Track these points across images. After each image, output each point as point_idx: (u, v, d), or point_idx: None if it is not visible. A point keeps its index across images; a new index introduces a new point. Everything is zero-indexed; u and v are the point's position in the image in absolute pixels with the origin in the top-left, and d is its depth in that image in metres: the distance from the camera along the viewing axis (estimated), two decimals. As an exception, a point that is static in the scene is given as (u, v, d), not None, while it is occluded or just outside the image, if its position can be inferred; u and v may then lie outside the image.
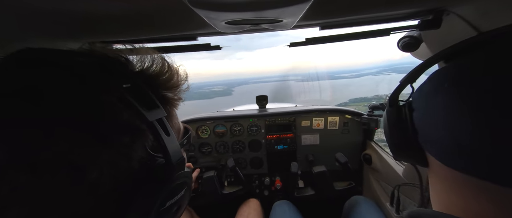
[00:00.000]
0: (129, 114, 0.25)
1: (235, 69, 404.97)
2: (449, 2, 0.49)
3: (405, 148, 0.34)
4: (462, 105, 0.25)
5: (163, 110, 0.29)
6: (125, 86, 0.26)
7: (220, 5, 0.33)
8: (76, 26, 0.43)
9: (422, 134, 0.31)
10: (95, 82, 0.25)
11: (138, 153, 0.26)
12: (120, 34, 0.52)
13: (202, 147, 1.43)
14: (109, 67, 0.27)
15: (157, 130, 0.26)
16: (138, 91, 0.27)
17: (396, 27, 0.60)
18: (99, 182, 0.22)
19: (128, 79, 0.27)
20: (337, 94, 29.80)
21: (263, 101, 1.51)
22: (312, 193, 1.24)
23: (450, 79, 0.27)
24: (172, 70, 0.34)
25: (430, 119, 0.29)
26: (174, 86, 0.34)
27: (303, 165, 1.39)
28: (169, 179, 0.28)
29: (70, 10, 0.35)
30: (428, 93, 0.30)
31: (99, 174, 0.22)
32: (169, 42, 0.62)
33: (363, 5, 0.46)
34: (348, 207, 1.05)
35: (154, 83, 0.31)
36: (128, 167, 0.25)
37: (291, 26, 0.50)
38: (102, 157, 0.23)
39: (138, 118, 0.25)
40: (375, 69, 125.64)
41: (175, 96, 0.35)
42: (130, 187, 0.25)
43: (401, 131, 0.34)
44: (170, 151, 0.27)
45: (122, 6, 0.35)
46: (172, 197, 0.29)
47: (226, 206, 1.51)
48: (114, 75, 0.27)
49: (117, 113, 0.24)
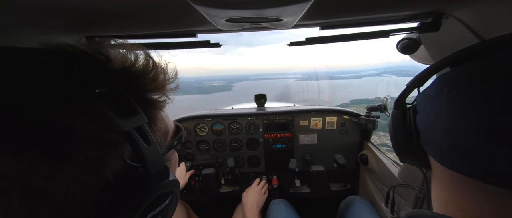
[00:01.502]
0: (98, 125, 0.22)
1: (236, 65, 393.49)
2: (448, 6, 0.49)
3: (409, 150, 0.34)
4: (460, 108, 0.25)
5: (143, 116, 0.26)
6: (98, 91, 0.23)
7: (220, 2, 0.32)
8: (74, 20, 0.43)
9: (424, 136, 0.31)
10: (57, 89, 0.21)
11: (112, 166, 0.23)
12: (120, 29, 0.52)
13: (199, 145, 1.43)
14: (81, 69, 0.24)
15: (134, 139, 0.24)
16: (115, 96, 0.24)
17: (395, 29, 0.60)
18: (64, 202, 0.20)
19: (103, 82, 0.24)
20: (338, 95, 29.85)
21: (261, 100, 1.51)
22: (307, 191, 1.25)
23: (449, 83, 0.28)
24: (158, 69, 0.30)
25: (431, 121, 0.30)
26: (159, 87, 0.30)
27: (300, 164, 1.40)
28: (149, 191, 0.26)
29: (69, 4, 0.34)
30: (430, 97, 0.31)
31: (63, 194, 0.20)
32: (169, 39, 0.62)
33: (364, 6, 0.46)
34: (344, 207, 1.06)
35: (137, 83, 0.28)
36: (99, 182, 0.22)
37: (292, 25, 0.50)
38: (64, 176, 0.20)
39: (110, 128, 0.23)
40: (376, 70, 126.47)
41: (160, 98, 0.32)
42: (105, 201, 0.23)
43: (404, 133, 0.34)
44: (150, 161, 0.25)
45: (122, 1, 0.35)
46: (154, 208, 0.27)
47: (222, 203, 1.51)
48: (85, 79, 0.23)
49: (83, 125, 0.21)
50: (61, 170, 0.20)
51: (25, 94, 0.20)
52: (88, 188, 0.22)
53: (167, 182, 0.28)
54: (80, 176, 0.21)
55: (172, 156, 0.39)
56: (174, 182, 0.30)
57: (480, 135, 0.23)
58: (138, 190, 0.25)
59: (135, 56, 0.29)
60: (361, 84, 60.13)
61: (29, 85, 0.21)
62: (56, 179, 0.20)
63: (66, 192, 0.20)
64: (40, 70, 0.22)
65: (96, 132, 0.22)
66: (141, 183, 0.25)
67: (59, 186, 0.20)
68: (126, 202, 0.24)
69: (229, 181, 1.45)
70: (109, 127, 0.23)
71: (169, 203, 0.29)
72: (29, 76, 0.21)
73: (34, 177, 0.19)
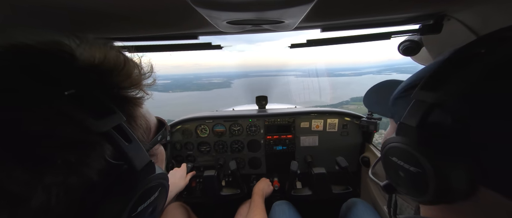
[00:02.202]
0: (72, 128, 0.22)
1: (235, 61, 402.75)
2: (450, 8, 0.49)
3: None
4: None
5: (120, 115, 0.26)
6: (67, 93, 0.22)
7: (222, 4, 0.33)
8: (76, 21, 0.43)
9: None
10: (25, 93, 0.21)
11: (95, 166, 0.23)
12: (122, 31, 0.52)
13: (200, 146, 1.43)
14: (47, 70, 0.23)
15: (114, 139, 0.24)
16: (86, 96, 0.24)
17: (397, 31, 0.60)
18: (48, 204, 0.20)
19: (73, 82, 0.23)
20: (338, 92, 29.63)
21: (262, 102, 1.51)
22: (309, 194, 1.25)
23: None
24: (130, 64, 0.29)
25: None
26: (134, 83, 0.29)
27: (302, 166, 1.39)
28: (136, 186, 0.26)
29: (71, 5, 0.35)
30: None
31: (45, 197, 0.20)
32: (171, 41, 0.62)
33: (365, 9, 0.46)
34: (345, 209, 1.06)
35: (110, 81, 0.27)
36: (83, 183, 0.22)
37: (293, 27, 0.50)
38: (44, 180, 0.20)
39: (86, 130, 0.22)
40: (376, 68, 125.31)
41: (137, 95, 0.31)
42: (93, 199, 0.23)
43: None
44: (133, 158, 0.26)
45: (124, 3, 0.35)
46: (144, 201, 0.27)
47: (223, 205, 1.51)
48: (53, 80, 0.22)
49: (55, 129, 0.21)
50: (40, 175, 0.20)
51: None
52: (72, 190, 0.22)
53: (154, 176, 0.28)
54: (61, 179, 0.21)
55: (158, 151, 0.39)
56: (162, 175, 0.30)
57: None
58: (125, 186, 0.25)
59: (103, 53, 0.27)
60: (362, 82, 59.52)
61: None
62: (35, 184, 0.20)
63: (49, 196, 0.20)
64: (5, 75, 0.21)
65: (71, 135, 0.22)
66: (128, 179, 0.26)
67: (41, 191, 0.20)
68: (114, 198, 0.24)
69: (230, 183, 1.44)
70: (84, 129, 0.22)
71: (158, 195, 0.30)
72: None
73: (11, 183, 0.19)
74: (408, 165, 0.29)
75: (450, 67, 0.27)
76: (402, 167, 0.30)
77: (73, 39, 0.26)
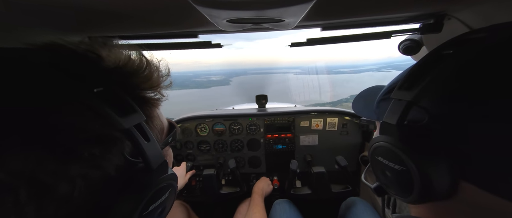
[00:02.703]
0: (100, 123, 0.23)
1: (234, 59, 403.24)
2: (450, 7, 0.49)
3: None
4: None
5: (141, 114, 0.27)
6: (96, 90, 0.24)
7: (222, 3, 0.32)
8: (77, 20, 0.43)
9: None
10: (59, 89, 0.22)
11: (114, 162, 0.24)
12: (123, 29, 0.52)
13: (200, 145, 1.43)
14: (77, 69, 0.24)
15: (135, 136, 0.25)
16: (112, 95, 0.25)
17: (397, 30, 0.60)
18: (71, 196, 0.21)
19: (100, 82, 0.25)
20: (337, 90, 29.24)
21: (262, 101, 1.51)
22: (308, 193, 1.25)
23: None
24: (151, 67, 0.31)
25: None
26: (154, 85, 0.31)
27: (301, 165, 1.40)
28: (151, 184, 0.27)
29: (70, 3, 0.35)
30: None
31: (70, 189, 0.21)
32: (170, 39, 0.62)
33: (365, 8, 0.46)
34: (345, 208, 1.06)
35: (131, 82, 0.28)
36: (102, 177, 0.23)
37: (293, 26, 0.50)
38: (71, 171, 0.21)
39: (111, 126, 0.24)
40: (375, 65, 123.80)
41: (155, 96, 0.32)
42: (109, 193, 0.24)
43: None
44: (150, 157, 0.26)
45: (124, 1, 0.35)
46: (155, 201, 0.28)
47: (223, 204, 1.51)
48: (83, 78, 0.24)
49: (85, 123, 0.22)
50: (68, 166, 0.21)
51: (29, 95, 0.21)
52: (93, 183, 0.23)
53: (166, 176, 0.29)
54: (85, 171, 0.22)
55: (168, 152, 0.40)
56: (173, 176, 0.31)
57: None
58: (140, 184, 0.26)
59: (127, 56, 0.29)
60: (361, 79, 58.78)
61: (33, 86, 0.21)
62: (62, 175, 0.21)
63: (73, 187, 0.21)
64: (40, 72, 0.22)
65: (98, 129, 0.23)
66: (143, 177, 0.27)
67: (66, 182, 0.21)
68: (129, 195, 0.25)
69: (229, 182, 1.45)
70: (110, 125, 0.24)
71: (168, 196, 0.31)
72: (31, 77, 0.22)
73: (42, 173, 0.20)
74: (393, 163, 0.29)
75: (423, 68, 0.29)
76: (387, 166, 0.31)
77: (99, 41, 0.28)
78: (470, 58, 0.25)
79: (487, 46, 0.25)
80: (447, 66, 0.26)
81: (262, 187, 1.21)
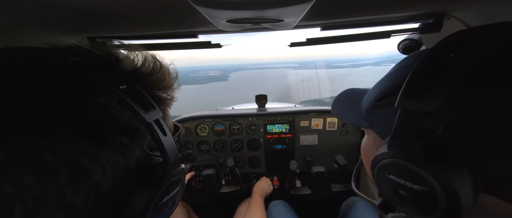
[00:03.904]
0: (128, 115, 0.25)
1: (232, 54, 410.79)
2: (450, 6, 0.49)
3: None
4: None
5: (159, 111, 0.29)
6: (121, 87, 0.26)
7: (221, 3, 0.32)
8: (77, 21, 0.43)
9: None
10: (92, 84, 0.25)
11: (136, 153, 0.26)
12: (122, 30, 0.52)
13: (200, 145, 1.43)
14: (103, 68, 0.27)
15: (155, 130, 0.27)
16: (134, 92, 0.27)
17: (396, 30, 0.60)
18: (101, 181, 0.23)
19: (123, 80, 0.27)
20: (337, 84, 28.87)
21: (262, 101, 1.51)
22: (308, 193, 1.25)
23: None
24: (164, 70, 0.33)
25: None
26: (167, 86, 0.34)
27: (301, 165, 1.40)
28: (166, 176, 0.29)
29: (69, 4, 0.35)
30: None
31: (101, 174, 0.23)
32: (170, 39, 0.62)
33: (365, 7, 0.46)
34: (345, 208, 1.06)
35: (147, 83, 0.31)
36: (126, 166, 0.26)
37: (293, 26, 0.50)
38: (103, 158, 0.23)
39: (137, 119, 0.26)
40: (374, 60, 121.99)
41: (168, 96, 0.35)
42: (129, 184, 0.26)
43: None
44: (168, 149, 0.29)
45: (123, 2, 0.35)
46: (168, 193, 0.30)
47: (223, 204, 1.51)
48: (109, 76, 0.26)
49: (116, 114, 0.24)
50: (102, 152, 0.23)
51: (71, 88, 0.23)
52: (119, 171, 0.25)
53: (179, 170, 0.31)
54: (114, 159, 0.24)
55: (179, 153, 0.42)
56: (183, 171, 0.33)
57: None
58: (157, 175, 0.28)
59: (143, 58, 0.31)
60: (360, 73, 57.72)
61: (73, 80, 0.24)
62: (97, 160, 0.23)
63: (103, 173, 0.23)
64: (78, 68, 0.25)
65: (128, 121, 0.25)
66: (160, 169, 0.29)
67: (99, 167, 0.23)
68: (147, 186, 0.27)
69: (229, 182, 1.45)
70: (136, 118, 0.26)
71: (178, 190, 0.33)
72: (71, 73, 0.24)
73: (81, 157, 0.22)
74: (411, 183, 0.26)
75: (428, 72, 0.25)
76: (402, 185, 0.27)
77: (116, 43, 0.31)
78: (482, 58, 0.23)
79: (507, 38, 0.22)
80: (457, 70, 0.23)
81: (263, 187, 1.21)
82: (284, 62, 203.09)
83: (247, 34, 33.94)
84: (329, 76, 34.57)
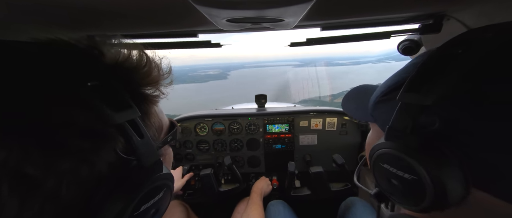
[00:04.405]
0: (90, 116, 0.22)
1: (232, 52, 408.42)
2: (449, 7, 0.49)
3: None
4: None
5: (136, 110, 0.26)
6: (90, 84, 0.23)
7: (222, 2, 0.32)
8: (75, 19, 0.43)
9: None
10: (50, 81, 0.22)
11: (105, 158, 0.24)
12: (122, 29, 0.52)
13: (200, 145, 1.43)
14: (73, 63, 0.24)
15: (127, 132, 0.25)
16: (108, 89, 0.25)
17: (396, 31, 0.60)
18: (59, 193, 0.20)
19: (97, 76, 0.24)
20: (338, 82, 28.56)
21: (262, 100, 1.51)
22: (308, 193, 1.25)
23: None
24: (151, 64, 0.31)
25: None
26: (153, 81, 0.31)
27: (300, 165, 1.40)
28: (143, 183, 0.26)
29: (68, 3, 0.34)
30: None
31: (57, 184, 0.20)
32: (170, 38, 0.62)
33: (365, 8, 0.46)
34: (344, 208, 1.06)
35: (130, 78, 0.28)
36: (92, 173, 0.23)
37: (293, 26, 0.50)
38: (59, 165, 0.20)
39: (103, 120, 0.23)
40: (375, 57, 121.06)
41: (154, 93, 0.32)
42: (101, 192, 0.23)
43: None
44: (142, 154, 0.26)
45: (122, 1, 0.35)
46: (147, 201, 0.27)
47: (222, 204, 1.51)
48: (78, 72, 0.24)
49: (75, 116, 0.22)
50: (55, 160, 0.20)
51: (17, 86, 0.20)
52: (82, 180, 0.22)
53: (160, 175, 0.28)
54: (74, 166, 0.21)
55: (166, 152, 0.39)
56: (168, 175, 0.30)
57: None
58: (131, 182, 0.25)
59: (128, 52, 0.29)
60: (361, 71, 57.04)
61: (21, 77, 0.21)
62: (49, 169, 0.20)
63: (60, 182, 0.20)
64: (32, 63, 0.22)
65: (88, 123, 0.22)
66: (135, 175, 0.26)
67: (53, 176, 0.20)
68: (120, 194, 0.24)
69: (229, 181, 1.45)
70: (102, 119, 0.23)
71: (162, 196, 0.30)
72: (20, 68, 0.21)
73: (27, 165, 0.19)
74: (402, 172, 0.27)
75: (432, 67, 0.26)
76: (395, 175, 0.28)
77: (102, 38, 0.28)
78: (487, 56, 0.23)
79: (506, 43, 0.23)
80: (460, 67, 0.24)
81: (262, 186, 1.21)
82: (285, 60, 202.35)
83: (247, 33, 34.51)
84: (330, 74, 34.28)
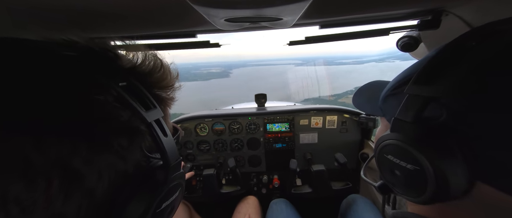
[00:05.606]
0: (127, 114, 0.23)
1: (234, 51, 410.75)
2: (448, 3, 0.49)
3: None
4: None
5: (160, 110, 0.27)
6: (121, 84, 0.24)
7: (219, 2, 0.32)
8: (72, 21, 0.43)
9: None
10: (88, 81, 0.23)
11: (135, 155, 0.25)
12: (120, 30, 0.52)
13: (200, 145, 1.43)
14: (101, 64, 0.25)
15: (155, 131, 0.26)
16: (134, 90, 0.26)
17: (395, 27, 0.60)
18: (96, 187, 0.21)
19: (122, 77, 0.25)
20: (341, 81, 28.61)
21: (262, 100, 1.51)
22: (309, 191, 1.25)
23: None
24: (165, 69, 0.32)
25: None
26: (168, 85, 0.32)
27: (301, 163, 1.40)
28: (167, 181, 0.27)
29: (67, 5, 0.34)
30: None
31: (96, 179, 0.21)
32: (168, 39, 0.62)
33: (363, 5, 0.46)
34: (345, 206, 1.06)
35: (147, 81, 0.29)
36: (125, 169, 0.24)
37: (291, 24, 0.50)
38: (100, 161, 0.21)
39: (137, 118, 0.24)
40: (378, 56, 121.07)
41: (168, 96, 0.33)
42: (126, 189, 0.24)
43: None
44: (169, 152, 0.27)
45: (121, 2, 0.35)
46: (168, 199, 0.28)
47: (224, 203, 1.51)
48: (107, 73, 0.24)
49: (115, 113, 0.23)
50: (98, 155, 0.21)
51: (64, 84, 0.21)
52: (116, 175, 0.23)
53: (179, 174, 0.29)
54: (112, 162, 0.23)
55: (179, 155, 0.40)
56: (183, 174, 0.31)
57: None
58: (156, 180, 0.26)
59: (143, 56, 0.30)
60: (364, 70, 56.88)
61: (66, 77, 0.22)
62: (93, 163, 0.21)
63: (99, 176, 0.22)
64: (73, 63, 0.23)
65: (126, 121, 0.23)
66: (160, 173, 0.27)
67: (95, 170, 0.21)
68: (146, 191, 0.25)
69: (230, 181, 1.45)
70: (137, 117, 0.24)
71: (178, 195, 0.31)
72: (65, 69, 0.22)
73: (74, 159, 0.20)
74: (405, 163, 0.28)
75: (442, 60, 0.26)
76: (398, 165, 0.29)
77: (116, 41, 0.29)
78: (498, 51, 0.23)
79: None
80: (472, 59, 0.23)
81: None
82: (287, 59, 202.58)
83: (248, 32, 34.69)
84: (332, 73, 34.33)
